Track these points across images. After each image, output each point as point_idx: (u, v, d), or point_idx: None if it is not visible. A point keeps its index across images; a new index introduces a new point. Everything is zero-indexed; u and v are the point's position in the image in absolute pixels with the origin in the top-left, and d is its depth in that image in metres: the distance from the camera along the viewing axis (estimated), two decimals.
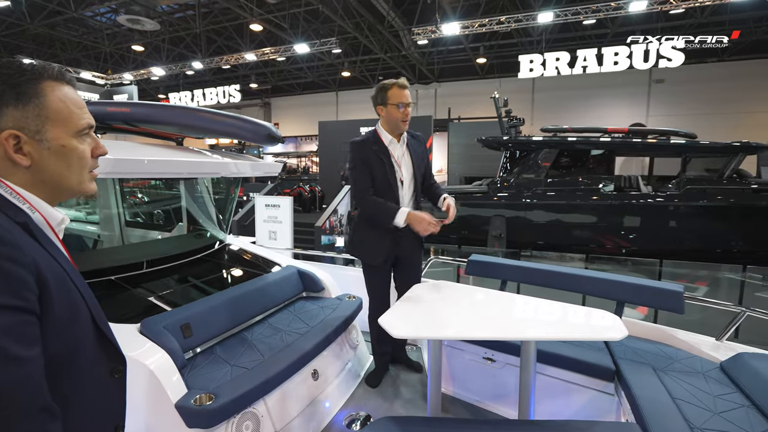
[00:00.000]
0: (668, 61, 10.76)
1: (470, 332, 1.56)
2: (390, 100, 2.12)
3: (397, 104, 2.11)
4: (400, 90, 2.13)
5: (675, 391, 1.53)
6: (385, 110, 2.16)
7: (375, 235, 2.23)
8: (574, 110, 16.51)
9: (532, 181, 8.17)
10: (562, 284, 2.24)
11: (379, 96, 2.16)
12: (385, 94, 2.13)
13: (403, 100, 2.12)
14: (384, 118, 2.19)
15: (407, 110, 2.15)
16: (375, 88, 2.21)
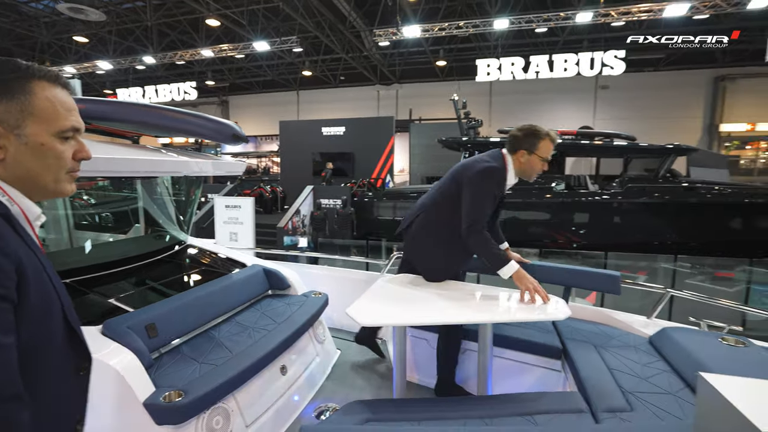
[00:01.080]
0: (611, 69, 11.57)
1: (433, 318, 1.67)
2: (538, 151, 1.96)
3: (544, 158, 1.98)
4: (552, 144, 1.99)
5: (611, 363, 1.72)
6: (527, 157, 1.98)
7: (447, 253, 2.13)
8: (528, 113, 17.29)
9: None
10: None
11: (527, 140, 1.97)
12: (537, 143, 1.96)
13: (549, 156, 2.00)
14: (521, 162, 2.00)
15: (546, 165, 2.02)
16: (525, 128, 1.99)
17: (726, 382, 0.76)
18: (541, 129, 1.97)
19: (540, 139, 1.95)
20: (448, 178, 2.14)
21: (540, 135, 1.95)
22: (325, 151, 13.58)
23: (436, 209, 2.12)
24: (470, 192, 1.94)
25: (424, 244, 2.15)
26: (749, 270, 6.57)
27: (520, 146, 1.98)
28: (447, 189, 2.09)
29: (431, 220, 2.14)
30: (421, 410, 1.52)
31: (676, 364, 1.65)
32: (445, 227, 2.05)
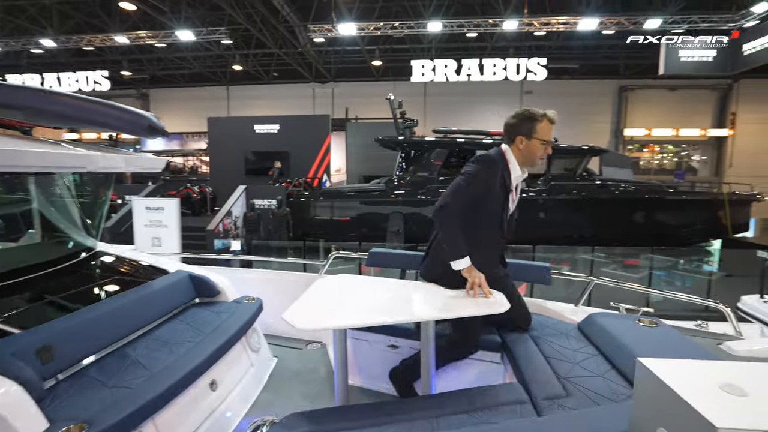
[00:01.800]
0: (534, 74, 12.43)
1: (372, 319, 1.61)
2: (537, 134, 1.85)
3: (544, 140, 1.86)
4: (551, 125, 1.87)
5: (547, 351, 1.79)
6: (525, 142, 1.87)
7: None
8: (461, 114, 18.03)
9: (426, 179, 8.71)
10: None
11: (524, 125, 1.86)
12: (533, 126, 1.84)
13: (550, 137, 1.89)
14: (520, 150, 1.89)
15: (549, 148, 1.90)
16: (519, 114, 1.90)
17: (661, 365, 0.78)
18: (536, 111, 1.85)
19: (537, 121, 1.83)
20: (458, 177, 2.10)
21: (536, 117, 1.83)
22: (259, 149, 13.02)
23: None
24: (459, 177, 1.84)
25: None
26: (651, 257, 7.45)
27: (517, 132, 1.86)
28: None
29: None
30: (364, 416, 1.45)
31: (602, 347, 1.75)
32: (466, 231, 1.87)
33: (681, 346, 1.66)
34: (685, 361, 0.79)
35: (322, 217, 9.41)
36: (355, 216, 9.13)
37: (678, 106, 18.28)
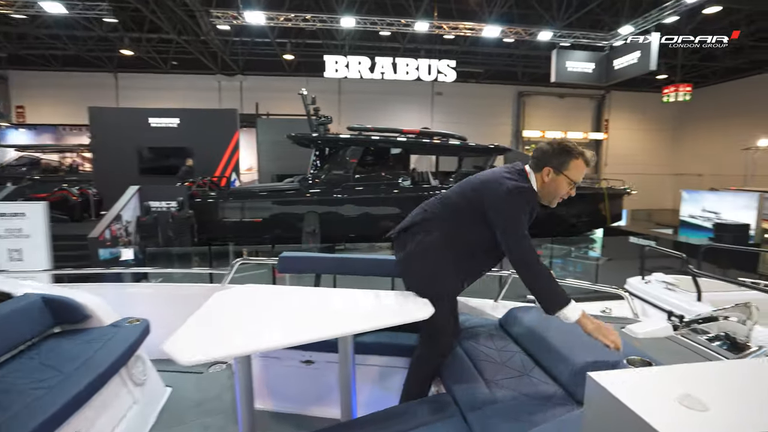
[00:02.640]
0: (444, 76, 12.95)
1: (280, 340, 1.37)
2: (568, 171, 1.65)
3: (573, 182, 1.68)
4: (585, 167, 1.68)
5: (472, 354, 1.72)
6: (553, 176, 1.66)
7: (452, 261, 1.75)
8: (375, 112, 18.14)
9: (342, 177, 8.53)
10: (367, 270, 2.28)
11: (557, 158, 1.66)
12: (568, 162, 1.65)
13: (580, 179, 1.70)
14: (544, 182, 1.68)
15: (573, 191, 1.71)
16: (555, 143, 1.69)
17: (612, 379, 0.69)
18: (575, 147, 1.66)
19: (573, 157, 1.64)
20: (458, 195, 1.78)
21: (573, 153, 1.64)
22: (156, 145, 11.63)
23: (444, 225, 1.75)
24: (503, 215, 1.59)
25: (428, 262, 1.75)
26: (550, 247, 8.18)
27: (548, 163, 1.66)
28: (456, 205, 1.75)
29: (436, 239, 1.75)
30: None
31: (524, 343, 1.73)
32: (449, 249, 1.71)
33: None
34: (636, 371, 0.71)
35: (232, 219, 8.70)
36: (268, 217, 8.60)
37: (566, 112, 20.58)
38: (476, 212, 1.66)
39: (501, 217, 1.59)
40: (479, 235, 1.69)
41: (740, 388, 0.70)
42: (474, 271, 1.82)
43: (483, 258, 1.80)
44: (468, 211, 1.69)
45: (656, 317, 2.85)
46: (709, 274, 3.44)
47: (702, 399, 0.62)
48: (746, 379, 0.74)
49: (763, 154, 16.59)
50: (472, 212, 1.68)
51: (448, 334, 1.75)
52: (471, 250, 1.74)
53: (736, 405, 0.65)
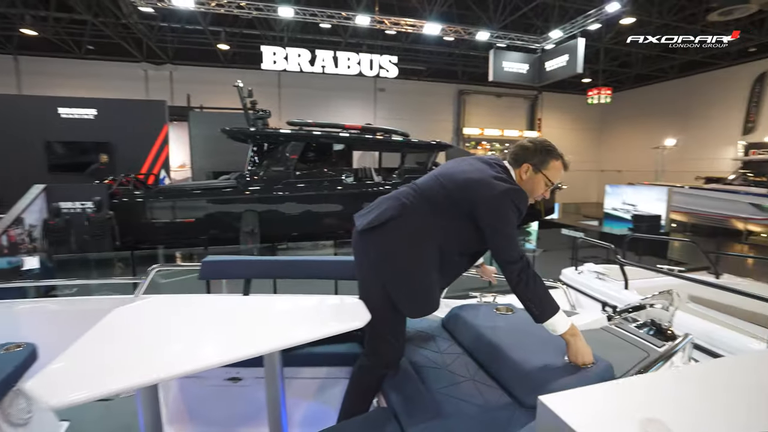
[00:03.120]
0: (386, 71, 12.91)
1: (189, 364, 1.15)
2: (548, 171, 1.61)
3: (551, 182, 1.64)
4: (562, 170, 1.66)
5: (415, 359, 1.61)
6: (531, 174, 1.60)
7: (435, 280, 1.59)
8: (317, 107, 17.71)
9: (282, 174, 8.16)
10: (306, 272, 2.10)
11: (538, 156, 1.61)
12: (548, 161, 1.61)
13: (556, 180, 1.66)
14: (522, 180, 1.61)
15: (548, 193, 1.67)
16: (538, 141, 1.64)
17: (564, 403, 0.59)
18: (556, 147, 1.65)
19: (553, 158, 1.62)
20: (439, 189, 1.59)
21: (554, 154, 1.63)
22: (67, 139, 10.38)
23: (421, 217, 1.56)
24: (497, 217, 1.48)
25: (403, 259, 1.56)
26: None
27: (528, 160, 1.61)
28: (440, 201, 1.56)
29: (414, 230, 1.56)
30: None
31: (467, 344, 1.65)
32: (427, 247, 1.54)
33: (537, 331, 1.67)
34: (589, 390, 0.62)
35: (161, 220, 7.99)
36: (202, 216, 8.00)
37: (503, 111, 21.51)
38: (463, 211, 1.53)
39: (494, 220, 1.48)
40: (470, 236, 1.55)
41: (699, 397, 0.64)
42: (451, 276, 1.69)
43: (466, 261, 1.70)
44: (455, 209, 1.55)
45: (591, 308, 2.97)
46: (634, 263, 3.66)
47: (665, 422, 0.54)
48: (700, 385, 0.68)
49: (671, 152, 18.53)
50: (459, 211, 1.54)
51: (396, 343, 1.60)
52: (459, 252, 1.61)
53: (699, 420, 0.58)
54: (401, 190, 1.65)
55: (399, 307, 1.51)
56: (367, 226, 1.57)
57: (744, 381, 0.70)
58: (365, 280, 1.61)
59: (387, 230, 1.53)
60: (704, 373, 0.71)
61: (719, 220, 12.30)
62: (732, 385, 0.69)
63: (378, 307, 1.49)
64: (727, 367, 0.78)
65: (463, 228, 1.53)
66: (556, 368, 1.33)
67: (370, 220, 1.58)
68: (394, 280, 1.52)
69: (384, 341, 1.56)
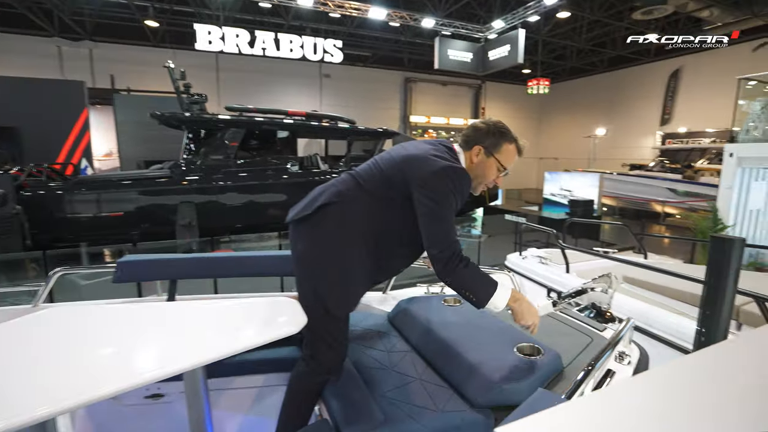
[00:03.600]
0: (331, 56, 12.51)
1: (88, 393, 0.95)
2: (500, 155, 1.50)
3: (504, 167, 1.52)
4: (516, 155, 1.54)
5: (360, 360, 1.50)
6: (483, 157, 1.49)
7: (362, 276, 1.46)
8: (259, 92, 16.90)
9: (221, 162, 7.65)
10: (232, 270, 1.90)
11: (490, 138, 1.49)
12: (501, 144, 1.49)
13: (510, 166, 1.54)
14: (473, 163, 1.49)
15: (500, 180, 1.56)
16: (491, 122, 1.52)
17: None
18: (510, 130, 1.52)
19: (507, 141, 1.49)
20: (377, 174, 1.44)
21: (508, 137, 1.49)
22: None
23: (357, 205, 1.40)
24: (431, 199, 1.32)
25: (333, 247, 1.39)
26: None
27: (480, 142, 1.48)
28: (378, 186, 1.41)
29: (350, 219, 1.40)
30: None
31: (414, 340, 1.57)
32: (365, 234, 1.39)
33: (484, 322, 1.63)
34: (548, 414, 0.53)
35: (84, 214, 7.19)
36: (132, 210, 7.30)
37: (448, 99, 21.86)
38: (402, 195, 1.39)
39: (429, 199, 1.34)
40: (413, 225, 1.40)
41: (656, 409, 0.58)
42: (391, 271, 1.57)
43: (409, 254, 1.55)
44: (394, 194, 1.40)
45: (537, 293, 3.04)
46: (574, 247, 3.81)
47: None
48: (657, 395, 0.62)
49: (601, 140, 19.90)
50: (398, 195, 1.40)
51: (337, 345, 1.45)
52: (397, 243, 1.47)
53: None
54: (339, 178, 1.51)
55: (325, 304, 1.37)
56: (296, 217, 1.41)
57: (702, 383, 0.66)
58: (298, 277, 1.46)
59: (317, 220, 1.38)
60: (659, 379, 0.66)
61: (642, 203, 13.45)
62: (692, 386, 0.65)
63: (311, 306, 1.34)
64: (682, 368, 0.74)
65: (405, 216, 1.40)
66: (507, 363, 1.28)
67: (300, 208, 1.43)
68: (319, 274, 1.37)
69: (323, 344, 1.41)
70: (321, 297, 1.37)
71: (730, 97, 8.82)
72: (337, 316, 1.40)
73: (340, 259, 1.37)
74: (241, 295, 1.84)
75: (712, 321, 1.48)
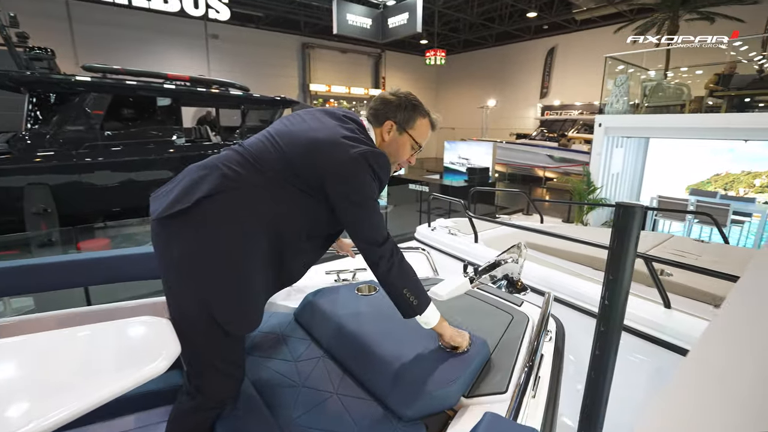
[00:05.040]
0: (217, 12, 11.09)
1: None
2: (414, 131, 1.32)
3: (418, 144, 1.35)
4: (430, 130, 1.37)
5: (261, 376, 1.25)
6: (395, 135, 1.31)
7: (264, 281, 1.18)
8: (130, 52, 14.45)
9: (83, 135, 6.36)
10: (79, 278, 1.48)
11: (402, 112, 1.30)
12: (414, 119, 1.31)
13: (425, 143, 1.38)
14: (384, 141, 1.30)
15: (414, 158, 1.40)
16: (401, 94, 1.31)
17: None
18: (422, 103, 1.34)
19: (420, 115, 1.32)
20: (270, 148, 1.17)
21: (421, 110, 1.33)
22: None
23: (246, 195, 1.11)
24: (350, 190, 1.13)
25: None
26: None
27: (391, 117, 1.30)
28: (277, 169, 1.15)
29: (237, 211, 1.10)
30: None
31: (326, 341, 1.36)
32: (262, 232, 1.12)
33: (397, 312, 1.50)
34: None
35: None
36: None
37: (348, 67, 21.29)
38: (308, 182, 1.15)
39: (349, 191, 1.13)
40: (320, 214, 1.19)
41: None
42: (297, 270, 1.30)
43: (319, 246, 1.32)
44: (297, 180, 1.15)
45: (450, 269, 3.05)
46: (480, 216, 3.95)
47: None
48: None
49: (492, 111, 21.41)
50: (303, 181, 1.15)
51: (233, 371, 1.17)
52: (303, 237, 1.21)
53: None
54: (221, 155, 1.19)
55: (220, 322, 1.09)
56: (168, 211, 1.08)
57: None
58: (172, 289, 1.12)
59: (199, 216, 1.07)
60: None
61: (527, 169, 14.92)
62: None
63: (196, 326, 1.06)
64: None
65: (311, 204, 1.17)
66: (433, 363, 1.15)
67: (172, 200, 1.09)
68: (208, 284, 1.07)
69: (213, 372, 1.13)
70: (212, 313, 1.07)
71: (596, 74, 10.00)
72: (236, 335, 1.12)
73: (235, 264, 1.08)
74: (92, 310, 1.43)
75: (616, 284, 1.52)
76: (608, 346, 1.22)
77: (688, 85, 7.97)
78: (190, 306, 1.07)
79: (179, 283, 1.09)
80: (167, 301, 1.11)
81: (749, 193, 7.81)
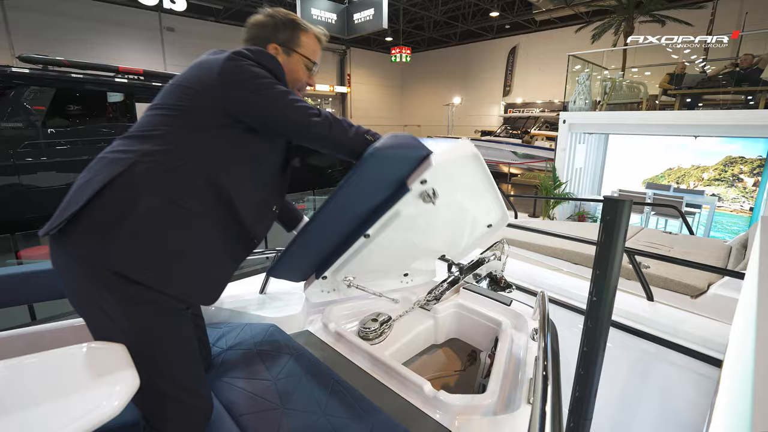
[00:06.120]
0: (172, 3, 10.52)
1: None
2: (302, 49, 1.19)
3: (312, 61, 1.22)
4: (319, 45, 1.24)
5: (235, 400, 1.09)
6: (284, 58, 1.16)
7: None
8: (76, 45, 13.47)
9: (22, 132, 5.82)
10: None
11: (282, 32, 1.16)
12: (297, 36, 1.18)
13: (318, 58, 1.24)
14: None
15: (313, 78, 1.27)
16: (274, 14, 1.17)
17: None
18: (299, 18, 1.20)
19: (302, 30, 1.19)
20: (149, 114, 1.00)
21: (301, 25, 1.19)
22: None
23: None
24: (244, 88, 0.98)
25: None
26: (313, 199, 8.18)
27: (272, 39, 1.16)
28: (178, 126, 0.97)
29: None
30: None
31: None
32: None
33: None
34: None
35: None
36: None
37: None
38: (202, 117, 0.97)
39: (243, 89, 0.98)
40: (252, 153, 1.04)
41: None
42: (256, 233, 1.11)
43: (272, 197, 1.16)
44: (192, 122, 0.96)
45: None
46: None
47: None
48: None
49: (457, 108, 21.71)
50: (198, 120, 0.97)
51: (193, 399, 0.99)
52: (249, 187, 1.05)
53: None
54: (105, 149, 0.99)
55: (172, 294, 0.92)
56: (56, 227, 0.88)
57: None
58: (93, 321, 0.93)
59: (95, 221, 0.87)
60: None
61: (493, 165, 15.22)
62: None
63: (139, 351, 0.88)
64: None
65: (222, 139, 0.98)
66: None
67: (57, 214, 0.91)
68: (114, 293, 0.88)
69: (170, 403, 0.95)
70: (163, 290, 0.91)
71: (558, 73, 10.31)
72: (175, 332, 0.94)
73: (179, 248, 0.92)
74: (33, 332, 1.22)
75: (604, 280, 1.46)
76: (597, 342, 1.17)
77: (645, 84, 8.35)
78: (116, 331, 0.88)
79: (97, 311, 0.89)
80: (90, 331, 0.92)
81: (698, 186, 8.30)
